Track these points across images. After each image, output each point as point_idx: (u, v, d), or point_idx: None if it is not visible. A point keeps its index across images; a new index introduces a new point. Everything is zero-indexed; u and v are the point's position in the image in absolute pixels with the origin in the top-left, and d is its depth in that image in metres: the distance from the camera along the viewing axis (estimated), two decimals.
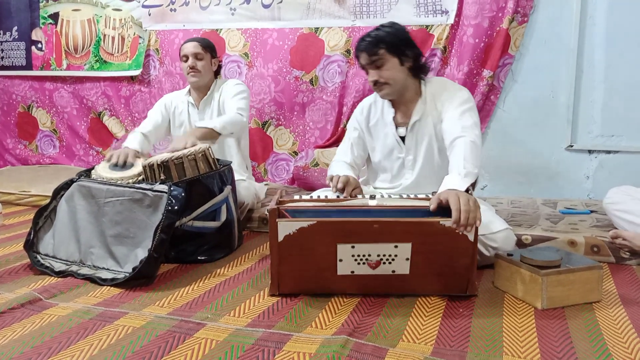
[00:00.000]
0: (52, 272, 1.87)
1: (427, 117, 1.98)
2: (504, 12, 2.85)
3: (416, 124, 1.99)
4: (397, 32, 1.95)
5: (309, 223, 1.58)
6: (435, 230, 1.57)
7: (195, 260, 2.02)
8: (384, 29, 1.94)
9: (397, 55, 1.92)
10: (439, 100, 1.97)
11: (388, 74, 1.91)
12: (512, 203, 2.72)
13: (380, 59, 1.90)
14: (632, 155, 2.79)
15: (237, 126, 2.45)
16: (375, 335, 1.40)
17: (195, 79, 2.57)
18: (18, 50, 4.03)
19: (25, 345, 1.35)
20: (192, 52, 2.55)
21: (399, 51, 1.92)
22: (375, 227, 1.57)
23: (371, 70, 1.93)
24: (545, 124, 2.91)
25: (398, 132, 2.03)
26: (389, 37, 1.91)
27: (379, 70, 1.92)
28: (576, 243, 2.03)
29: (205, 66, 2.58)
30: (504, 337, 1.39)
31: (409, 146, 2.02)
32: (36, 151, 4.09)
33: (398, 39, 1.93)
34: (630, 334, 1.40)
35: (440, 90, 2.00)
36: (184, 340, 1.37)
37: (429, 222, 1.58)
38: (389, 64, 1.91)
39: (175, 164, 1.99)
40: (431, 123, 1.98)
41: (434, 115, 1.97)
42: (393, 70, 1.92)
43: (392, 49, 1.90)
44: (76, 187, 2.00)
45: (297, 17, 3.22)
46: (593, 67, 2.81)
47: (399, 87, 1.95)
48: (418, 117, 1.98)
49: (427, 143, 2.00)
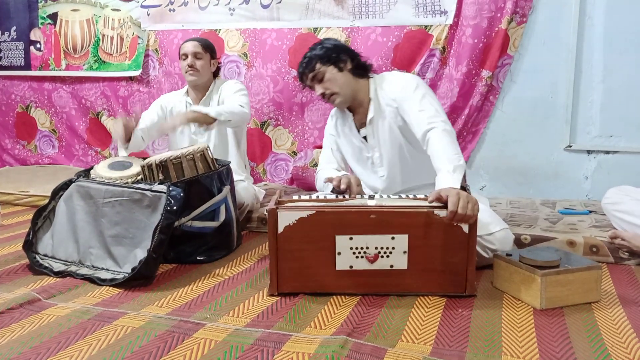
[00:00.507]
0: (51, 273, 1.87)
1: (380, 112, 2.01)
2: (502, 13, 2.85)
3: (372, 120, 2.02)
4: (325, 43, 2.03)
5: (308, 213, 1.62)
6: (431, 222, 1.60)
7: (194, 261, 2.02)
8: (314, 48, 2.02)
9: (333, 64, 1.98)
10: (385, 94, 2.00)
11: (330, 84, 1.97)
12: (511, 203, 2.72)
13: (318, 72, 1.98)
14: (630, 156, 2.79)
15: (236, 116, 2.39)
16: (375, 335, 1.40)
17: (193, 77, 2.57)
18: (17, 51, 4.02)
19: (24, 345, 1.34)
20: (192, 51, 2.55)
21: (332, 59, 1.98)
22: (372, 218, 1.61)
23: (316, 86, 2.00)
24: (544, 124, 2.92)
25: (360, 133, 2.08)
26: (318, 51, 1.99)
27: (322, 83, 1.98)
28: (575, 243, 2.03)
29: (204, 66, 2.57)
30: (503, 337, 1.39)
31: (372, 144, 2.06)
32: (35, 151, 4.08)
33: (327, 49, 2.00)
34: (629, 334, 1.40)
35: (382, 82, 2.03)
36: (183, 340, 1.37)
37: (425, 212, 1.61)
38: (328, 74, 1.97)
39: (173, 164, 1.99)
40: (386, 117, 2.00)
41: (387, 109, 1.99)
42: (334, 78, 1.97)
43: (324, 60, 1.98)
44: (75, 188, 2.00)
45: (296, 17, 3.22)
46: (592, 67, 2.81)
47: (348, 92, 2.00)
48: (372, 114, 2.01)
49: (388, 137, 2.02)
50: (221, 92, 2.61)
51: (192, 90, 2.65)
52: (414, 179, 2.08)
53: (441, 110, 1.90)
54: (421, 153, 1.90)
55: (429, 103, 1.90)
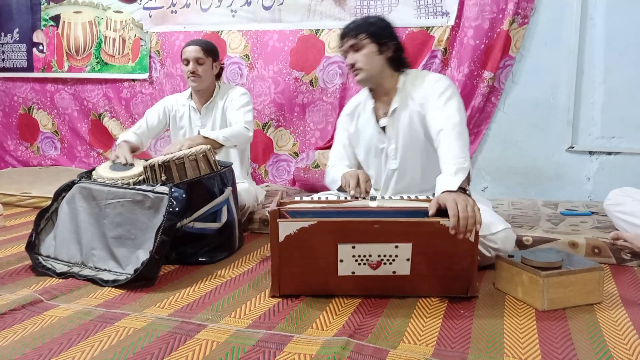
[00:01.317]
0: (53, 274, 1.87)
1: (405, 105, 2.00)
2: (504, 14, 2.85)
3: (395, 111, 2.01)
4: (381, 22, 2.01)
5: (310, 223, 1.59)
6: (436, 231, 1.57)
7: (196, 262, 2.02)
8: (368, 19, 2.01)
9: (377, 43, 1.96)
10: (416, 89, 1.98)
11: (364, 60, 1.95)
12: (513, 204, 2.72)
13: (359, 43, 1.95)
14: (632, 157, 2.79)
15: (241, 139, 2.45)
16: (376, 336, 1.40)
17: (195, 84, 2.55)
18: (19, 52, 4.04)
19: (26, 346, 1.35)
20: (194, 56, 2.51)
21: (379, 39, 1.96)
22: (375, 227, 1.57)
23: (350, 54, 1.98)
24: (546, 125, 2.92)
25: (380, 123, 2.05)
26: (371, 25, 1.96)
27: (357, 53, 1.96)
28: (577, 244, 2.03)
29: (206, 71, 2.55)
30: (505, 339, 1.39)
31: (390, 135, 2.03)
32: (37, 153, 4.09)
33: (380, 28, 1.98)
34: (632, 336, 1.40)
35: (416, 79, 2.01)
36: (185, 341, 1.37)
37: (429, 222, 1.58)
38: (367, 50, 1.95)
39: (176, 164, 1.99)
40: (410, 111, 1.99)
41: (412, 103, 1.98)
42: (370, 56, 1.95)
43: (372, 36, 1.95)
44: (77, 189, 2.00)
45: (298, 19, 3.23)
46: (593, 68, 2.81)
47: (374, 74, 1.98)
48: (396, 105, 2.00)
49: (408, 130, 2.00)
50: (226, 100, 2.60)
51: (195, 94, 2.65)
52: (424, 179, 2.04)
53: (462, 115, 1.88)
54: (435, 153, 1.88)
55: (452, 103, 1.88)
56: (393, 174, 2.06)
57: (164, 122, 2.68)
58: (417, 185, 2.06)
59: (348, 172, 1.94)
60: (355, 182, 1.84)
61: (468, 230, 1.54)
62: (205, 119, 2.62)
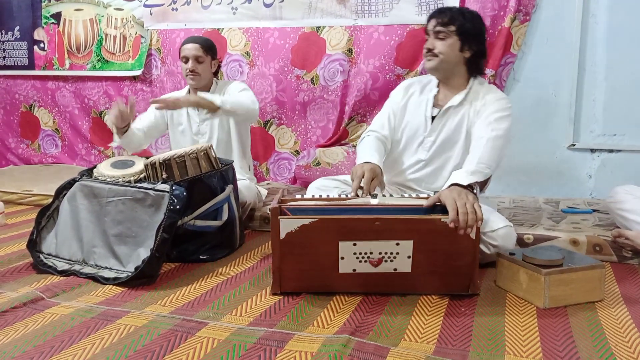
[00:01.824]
0: (55, 271, 1.87)
1: (463, 107, 2.00)
2: (505, 11, 2.84)
3: (451, 109, 2.01)
4: (476, 22, 2.00)
5: (311, 220, 1.59)
6: (437, 228, 1.58)
7: (196, 260, 2.02)
8: (467, 13, 2.00)
9: (462, 40, 1.96)
10: (478, 97, 2.00)
11: (444, 49, 1.95)
12: (514, 202, 2.72)
13: (445, 32, 1.95)
14: (634, 154, 2.78)
15: (242, 107, 2.38)
16: (377, 334, 1.40)
17: (194, 82, 2.55)
18: (20, 50, 4.04)
19: (28, 344, 1.35)
20: (193, 54, 2.50)
21: (466, 38, 1.96)
22: (377, 225, 1.57)
23: (431, 39, 1.98)
24: (547, 122, 2.91)
25: (432, 111, 2.04)
26: (466, 21, 1.96)
27: (439, 41, 1.96)
28: (578, 242, 2.03)
29: (205, 69, 2.55)
30: (506, 336, 1.39)
31: (435, 127, 2.03)
32: (38, 150, 4.09)
33: (472, 29, 1.97)
34: (633, 333, 1.40)
35: (482, 88, 2.03)
36: (186, 339, 1.37)
37: (430, 219, 1.59)
38: (450, 41, 1.95)
39: (177, 163, 1.99)
40: (463, 114, 2.00)
41: (470, 108, 1.99)
42: (450, 48, 1.96)
43: (461, 32, 1.95)
44: (78, 187, 2.00)
45: (299, 16, 3.22)
46: (595, 65, 2.80)
47: (445, 67, 1.99)
48: (456, 102, 2.00)
49: (452, 131, 2.01)
50: (225, 94, 2.58)
51: (193, 91, 2.64)
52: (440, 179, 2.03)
53: (508, 136, 1.93)
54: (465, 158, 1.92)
55: (503, 125, 1.91)
56: (418, 163, 2.07)
57: (162, 120, 2.66)
58: (432, 182, 2.05)
59: (356, 167, 1.89)
60: (358, 183, 1.84)
61: (469, 225, 1.54)
62: (203, 115, 2.61)
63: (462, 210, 1.55)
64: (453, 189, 1.65)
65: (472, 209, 1.56)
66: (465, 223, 1.54)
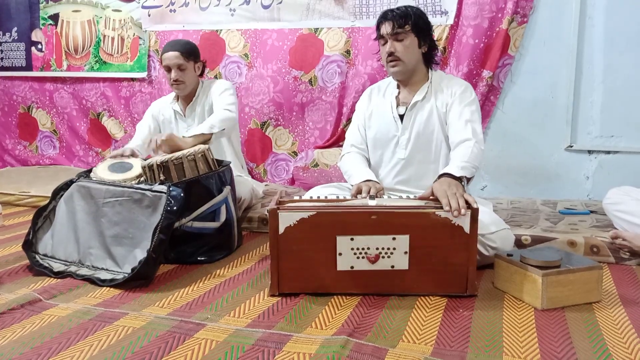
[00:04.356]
0: (50, 273, 1.87)
1: (429, 99, 2.03)
2: (503, 13, 2.85)
3: (417, 104, 2.03)
4: (424, 16, 2.04)
5: (309, 214, 1.61)
6: (432, 222, 1.61)
7: (194, 261, 2.02)
8: (412, 9, 2.01)
9: (418, 36, 1.99)
10: (442, 89, 2.04)
11: (404, 51, 1.98)
12: (512, 203, 2.72)
13: (403, 32, 1.97)
14: (631, 156, 2.79)
15: (226, 122, 2.38)
16: (375, 335, 1.40)
17: (179, 90, 2.54)
18: (18, 51, 4.03)
19: (25, 346, 1.34)
20: (175, 63, 2.46)
21: (422, 33, 1.99)
22: (373, 219, 1.60)
23: (390, 42, 1.98)
24: (545, 124, 2.92)
25: (398, 110, 2.07)
26: (417, 17, 1.99)
27: (398, 43, 1.97)
28: (576, 243, 2.03)
29: (189, 75, 2.51)
30: (504, 338, 1.39)
31: (406, 125, 2.05)
32: (36, 152, 4.09)
33: (424, 22, 2.01)
34: (630, 334, 1.40)
35: (443, 79, 2.07)
36: (184, 340, 1.37)
37: (425, 212, 1.62)
38: (409, 41, 1.98)
39: (174, 165, 1.99)
40: (431, 107, 2.03)
41: (436, 99, 2.03)
42: (411, 48, 1.98)
43: (416, 29, 1.98)
44: (75, 188, 2.00)
45: (297, 17, 3.22)
46: (592, 67, 2.81)
47: (410, 68, 2.02)
48: (420, 97, 2.03)
49: (424, 125, 2.03)
50: (208, 95, 2.57)
51: (182, 99, 2.63)
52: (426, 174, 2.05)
53: (481, 129, 2.00)
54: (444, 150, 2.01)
55: (477, 119, 1.98)
56: (399, 163, 2.08)
57: (156, 128, 2.65)
58: (419, 180, 2.07)
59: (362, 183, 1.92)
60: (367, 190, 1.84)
61: (461, 206, 1.59)
62: (191, 120, 2.60)
63: (450, 192, 1.63)
64: (443, 181, 1.72)
65: (460, 192, 1.64)
66: (457, 204, 1.59)
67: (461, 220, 1.60)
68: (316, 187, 2.21)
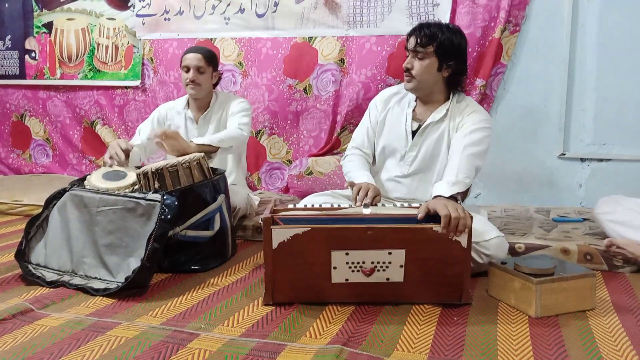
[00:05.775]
0: (43, 282, 1.85)
1: (444, 122, 2.01)
2: (496, 22, 2.87)
3: (431, 124, 2.01)
4: (456, 38, 1.96)
5: (303, 230, 1.59)
6: (429, 237, 1.59)
7: (188, 270, 2.01)
8: (446, 31, 1.95)
9: (441, 59, 1.95)
10: (460, 113, 2.00)
11: (421, 70, 1.95)
12: (506, 211, 2.73)
13: (424, 52, 1.94)
14: (623, 163, 2.81)
15: (236, 140, 2.47)
16: (370, 344, 1.40)
17: (194, 92, 2.54)
18: (11, 59, 4.02)
19: (17, 356, 1.33)
20: (195, 64, 2.50)
21: (446, 57, 1.94)
22: (369, 234, 1.58)
23: (410, 58, 1.97)
24: (538, 132, 2.93)
25: (412, 125, 2.05)
26: (444, 40, 1.93)
27: (417, 60, 1.95)
28: (569, 251, 2.04)
29: (206, 80, 2.55)
30: (498, 346, 1.39)
31: (416, 142, 2.03)
32: (29, 160, 4.07)
33: (450, 46, 1.94)
34: (624, 342, 1.41)
35: (463, 103, 2.03)
36: (177, 350, 1.36)
37: (422, 228, 1.60)
38: (428, 62, 1.95)
39: (169, 172, 1.98)
40: (443, 129, 2.00)
41: (451, 123, 2.00)
42: (428, 69, 1.95)
43: (440, 51, 1.94)
44: (68, 197, 1.99)
45: (291, 26, 3.24)
46: (584, 75, 2.84)
47: (423, 87, 1.99)
48: (436, 119, 2.00)
49: (433, 146, 2.01)
50: (225, 110, 2.59)
51: (192, 102, 2.63)
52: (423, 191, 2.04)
53: (485, 149, 1.96)
54: None
55: (480, 132, 1.93)
56: (400, 177, 2.07)
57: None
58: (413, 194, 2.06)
59: (360, 184, 1.91)
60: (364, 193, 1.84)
61: (459, 230, 1.57)
62: (203, 130, 2.60)
63: (454, 214, 1.57)
64: (438, 201, 1.67)
65: (463, 214, 1.59)
66: (455, 227, 1.57)
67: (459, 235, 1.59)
68: (310, 196, 2.19)
